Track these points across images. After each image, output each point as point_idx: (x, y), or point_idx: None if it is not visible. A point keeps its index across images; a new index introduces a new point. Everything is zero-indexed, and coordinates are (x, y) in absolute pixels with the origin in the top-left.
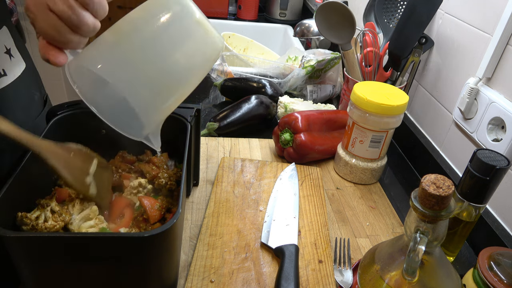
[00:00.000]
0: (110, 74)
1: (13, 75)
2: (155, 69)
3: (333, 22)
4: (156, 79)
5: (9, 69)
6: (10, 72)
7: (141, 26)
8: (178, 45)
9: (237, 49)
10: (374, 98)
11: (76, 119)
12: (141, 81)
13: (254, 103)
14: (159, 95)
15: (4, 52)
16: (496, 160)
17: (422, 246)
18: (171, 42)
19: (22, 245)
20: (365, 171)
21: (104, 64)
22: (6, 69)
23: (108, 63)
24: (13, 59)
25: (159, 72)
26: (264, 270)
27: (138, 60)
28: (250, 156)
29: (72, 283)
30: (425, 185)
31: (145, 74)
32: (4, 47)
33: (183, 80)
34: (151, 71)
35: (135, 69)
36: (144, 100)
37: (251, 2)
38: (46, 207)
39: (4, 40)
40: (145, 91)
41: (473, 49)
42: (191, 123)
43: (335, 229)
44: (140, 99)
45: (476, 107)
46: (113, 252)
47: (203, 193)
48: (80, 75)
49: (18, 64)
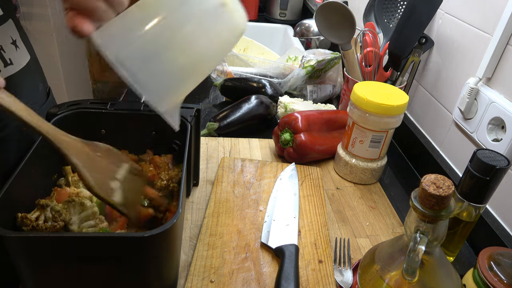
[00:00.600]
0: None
1: (19, 64)
2: (179, 50)
3: (333, 22)
4: (179, 60)
5: (15, 59)
6: (16, 62)
7: (170, 6)
8: (205, 29)
9: (237, 49)
10: (374, 98)
11: (76, 119)
12: (167, 55)
13: (254, 103)
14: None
15: (10, 42)
16: (496, 160)
17: (422, 246)
18: (199, 25)
19: (22, 245)
20: (365, 171)
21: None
22: (12, 58)
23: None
24: (18, 50)
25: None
26: (264, 270)
27: (162, 40)
28: (250, 156)
29: (72, 283)
30: (425, 185)
31: (169, 53)
32: (10, 37)
33: (203, 63)
34: (175, 51)
35: (162, 47)
36: (169, 74)
37: (251, 2)
38: (46, 207)
39: (10, 32)
40: (171, 65)
41: (473, 49)
42: (191, 123)
43: (335, 229)
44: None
45: (476, 107)
46: (113, 252)
47: (203, 193)
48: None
49: (23, 55)
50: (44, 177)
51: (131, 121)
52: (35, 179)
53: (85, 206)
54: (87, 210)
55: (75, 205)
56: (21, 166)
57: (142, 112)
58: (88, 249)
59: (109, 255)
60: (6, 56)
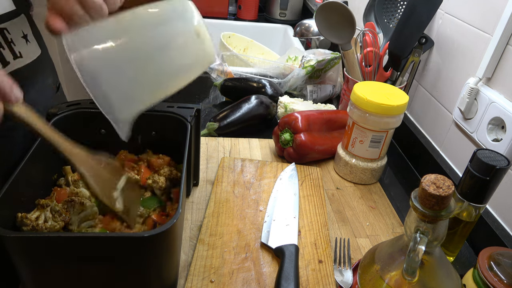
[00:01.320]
0: (100, 56)
1: (29, 58)
2: (143, 66)
3: (333, 22)
4: (141, 75)
5: (24, 53)
6: (25, 55)
7: (143, 25)
8: (171, 49)
9: (237, 49)
10: (374, 98)
11: (76, 119)
12: (127, 72)
13: (254, 103)
14: (139, 89)
15: (21, 36)
16: (496, 160)
17: (422, 246)
18: (166, 44)
19: (22, 245)
20: (365, 171)
21: (98, 45)
22: (22, 52)
23: (102, 48)
24: (29, 43)
25: (146, 70)
26: (264, 270)
27: (130, 55)
28: (250, 156)
29: (72, 283)
30: (425, 185)
31: (133, 67)
32: (22, 31)
33: (165, 84)
34: (139, 67)
35: (125, 62)
36: (124, 89)
37: (251, 2)
38: (46, 207)
39: (22, 26)
40: (128, 81)
41: (473, 49)
42: (191, 123)
43: (335, 229)
44: (120, 87)
45: (476, 107)
46: (113, 252)
47: (203, 193)
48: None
49: (33, 50)
50: (44, 177)
51: None
52: (35, 179)
53: (85, 206)
54: (87, 210)
55: (74, 205)
56: (21, 165)
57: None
58: (88, 249)
59: (109, 255)
60: (16, 49)
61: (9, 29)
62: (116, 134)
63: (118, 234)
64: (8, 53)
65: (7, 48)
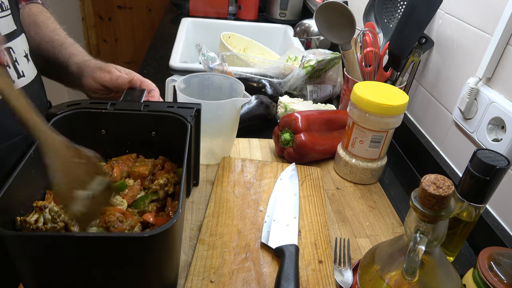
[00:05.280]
0: None
1: (29, 77)
2: None
3: (333, 22)
4: None
5: (26, 72)
6: (27, 74)
7: None
8: None
9: (237, 49)
10: (374, 98)
11: (76, 119)
12: None
13: (254, 103)
14: None
15: (23, 56)
16: (496, 160)
17: (422, 246)
18: None
19: (22, 245)
20: (365, 171)
21: None
22: (24, 71)
23: None
24: (29, 63)
25: None
26: (264, 270)
27: None
28: (250, 156)
29: (72, 283)
30: (425, 185)
31: None
32: (24, 51)
33: None
34: None
35: None
36: None
37: (251, 2)
38: (44, 209)
39: (23, 46)
40: None
41: (473, 49)
42: (191, 123)
43: (335, 229)
44: None
45: (476, 107)
46: (113, 252)
47: (203, 193)
48: None
49: (32, 69)
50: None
51: (131, 121)
52: (35, 179)
53: None
54: None
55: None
56: (20, 166)
57: (142, 112)
58: (88, 249)
59: (109, 255)
60: (19, 68)
61: (13, 48)
62: (116, 134)
63: (118, 234)
64: (13, 72)
65: (13, 67)
